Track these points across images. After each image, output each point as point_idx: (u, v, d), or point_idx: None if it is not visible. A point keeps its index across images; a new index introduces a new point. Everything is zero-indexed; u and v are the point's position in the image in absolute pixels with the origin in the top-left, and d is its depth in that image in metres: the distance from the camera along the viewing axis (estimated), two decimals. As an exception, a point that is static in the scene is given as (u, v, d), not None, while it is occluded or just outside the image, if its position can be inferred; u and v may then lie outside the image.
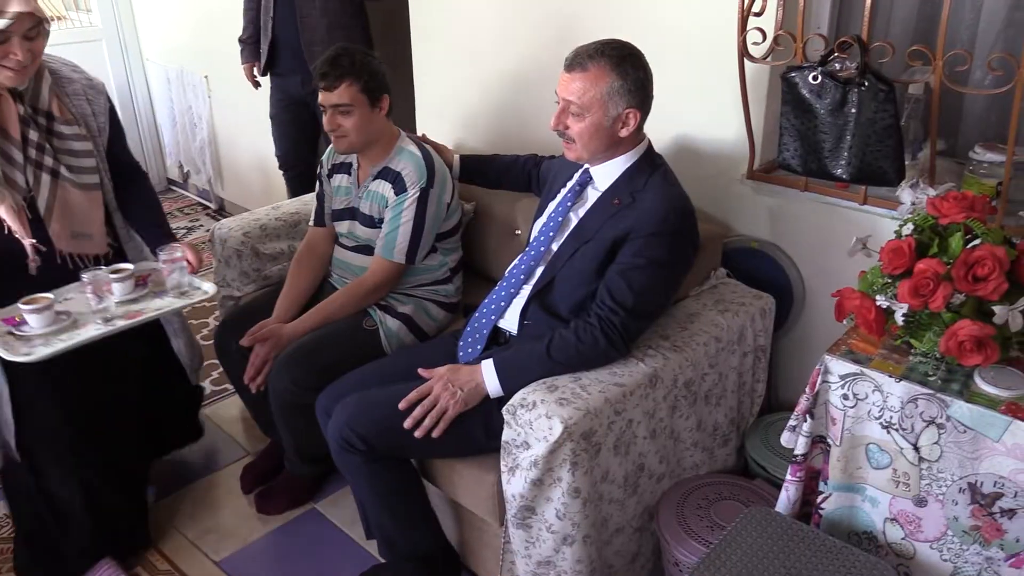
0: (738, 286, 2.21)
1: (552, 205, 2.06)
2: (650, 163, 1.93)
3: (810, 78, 1.87)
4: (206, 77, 4.39)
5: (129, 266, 2.13)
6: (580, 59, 1.81)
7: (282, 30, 3.35)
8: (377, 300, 2.36)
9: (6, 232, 1.96)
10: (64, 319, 1.97)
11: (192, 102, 4.54)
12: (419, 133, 2.72)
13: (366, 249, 2.42)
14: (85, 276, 1.96)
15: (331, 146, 2.49)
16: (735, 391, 2.12)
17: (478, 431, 1.88)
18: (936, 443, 1.55)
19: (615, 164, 1.92)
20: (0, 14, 1.77)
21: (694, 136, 2.36)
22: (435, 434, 1.82)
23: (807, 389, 1.69)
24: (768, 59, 2.04)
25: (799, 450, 1.72)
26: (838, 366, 1.63)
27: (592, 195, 1.97)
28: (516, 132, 2.84)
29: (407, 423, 1.83)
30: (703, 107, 2.30)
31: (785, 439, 1.77)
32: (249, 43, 3.50)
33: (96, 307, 1.96)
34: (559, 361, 1.81)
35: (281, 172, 3.71)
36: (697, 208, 2.37)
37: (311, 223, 2.58)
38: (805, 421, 1.70)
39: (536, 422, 1.71)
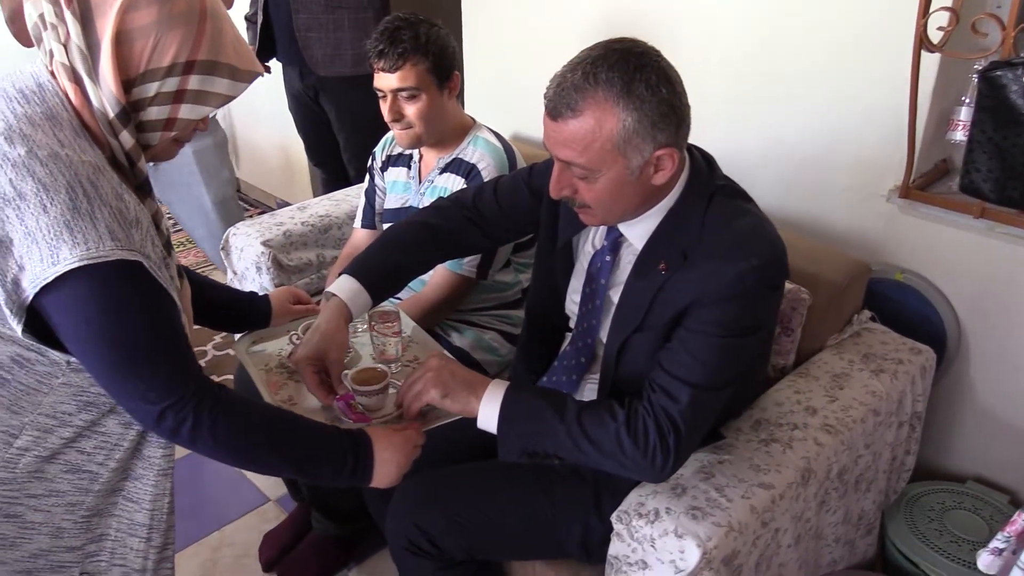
0: (887, 334, 1.76)
1: (580, 279, 1.46)
2: (699, 190, 1.31)
3: (1026, 78, 1.41)
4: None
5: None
6: (566, 97, 1.18)
7: (275, 9, 2.72)
8: (438, 322, 1.93)
9: None
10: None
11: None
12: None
13: None
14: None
15: (387, 135, 2.07)
16: (886, 471, 1.69)
17: (572, 541, 1.44)
18: None
19: (651, 215, 1.32)
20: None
21: (827, 137, 1.89)
22: (405, 415, 1.35)
23: (1032, 507, 1.26)
24: (946, 47, 1.58)
25: (1013, 586, 1.29)
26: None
27: (627, 256, 1.38)
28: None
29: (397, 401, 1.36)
30: (845, 103, 1.83)
31: (986, 563, 1.33)
32: (253, 22, 2.86)
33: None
34: (588, 435, 1.25)
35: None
36: (827, 230, 1.95)
37: (357, 224, 2.15)
38: (1026, 550, 1.26)
39: (660, 540, 1.27)
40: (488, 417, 1.30)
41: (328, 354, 1.42)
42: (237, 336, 1.71)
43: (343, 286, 1.49)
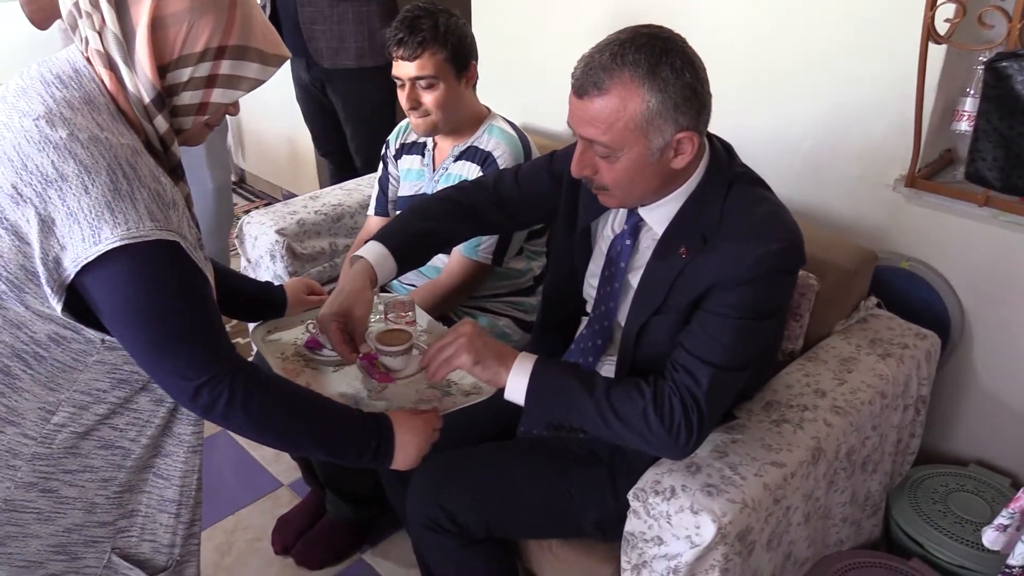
0: (893, 320, 1.80)
1: (598, 263, 1.50)
2: (720, 177, 1.35)
3: (1032, 69, 1.44)
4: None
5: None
6: (593, 75, 1.22)
7: (282, 1, 2.71)
8: (453, 308, 1.97)
9: None
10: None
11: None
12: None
13: None
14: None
15: (401, 123, 2.10)
16: (892, 453, 1.73)
17: (588, 521, 1.48)
18: None
19: (671, 200, 1.36)
20: None
21: (834, 127, 1.93)
22: (430, 378, 1.36)
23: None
24: (952, 39, 1.61)
25: (1018, 559, 1.33)
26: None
27: (646, 241, 1.42)
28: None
29: (422, 363, 1.37)
30: (851, 94, 1.87)
31: (990, 539, 1.37)
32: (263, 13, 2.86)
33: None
34: (616, 411, 1.28)
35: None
36: (834, 219, 1.99)
37: (370, 212, 2.18)
38: (1031, 525, 1.30)
39: (676, 516, 1.31)
40: (516, 389, 1.33)
41: (353, 311, 1.42)
42: (251, 325, 1.74)
43: (370, 250, 1.51)
